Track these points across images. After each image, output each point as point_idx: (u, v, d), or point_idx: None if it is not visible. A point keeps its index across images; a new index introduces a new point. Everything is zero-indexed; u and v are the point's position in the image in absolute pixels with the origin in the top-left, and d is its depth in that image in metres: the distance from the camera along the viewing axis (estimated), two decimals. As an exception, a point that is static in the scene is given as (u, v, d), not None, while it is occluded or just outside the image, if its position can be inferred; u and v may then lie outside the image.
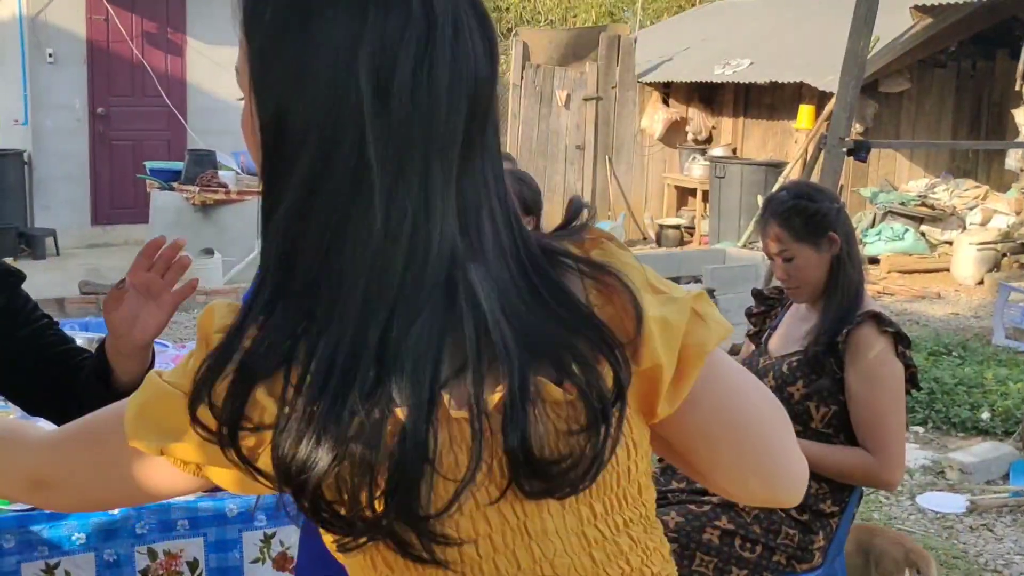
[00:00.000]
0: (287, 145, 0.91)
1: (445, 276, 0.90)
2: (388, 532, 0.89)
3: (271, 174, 0.93)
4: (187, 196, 9.01)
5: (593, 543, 0.97)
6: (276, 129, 0.91)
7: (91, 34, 11.13)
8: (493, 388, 0.89)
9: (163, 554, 2.45)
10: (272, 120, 0.91)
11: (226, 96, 11.70)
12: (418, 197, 0.90)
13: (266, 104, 0.92)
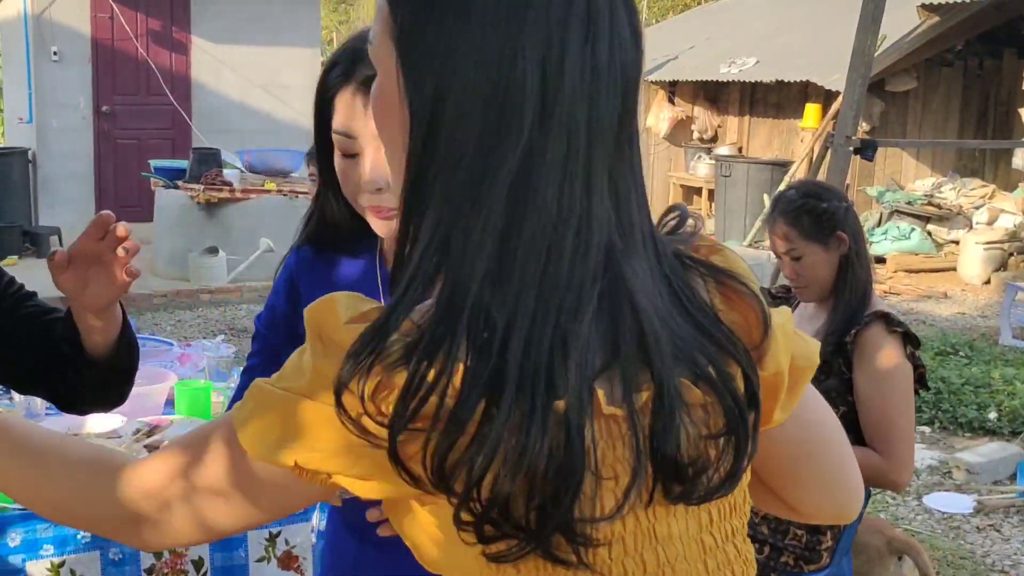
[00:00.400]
0: (446, 126, 0.86)
1: (603, 267, 0.87)
2: (551, 535, 0.84)
3: (423, 155, 0.87)
4: (191, 194, 9.01)
5: (708, 550, 0.95)
6: (434, 109, 0.87)
7: (96, 32, 11.13)
8: (639, 387, 0.87)
9: (168, 552, 2.45)
10: (430, 100, 0.87)
11: (231, 94, 11.71)
12: (583, 183, 0.87)
13: (422, 83, 0.87)
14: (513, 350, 0.83)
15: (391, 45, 0.90)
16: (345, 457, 0.87)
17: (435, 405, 0.82)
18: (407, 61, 0.88)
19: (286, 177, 9.46)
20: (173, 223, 9.21)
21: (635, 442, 0.86)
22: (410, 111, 0.88)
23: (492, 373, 0.82)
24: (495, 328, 0.83)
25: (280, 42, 11.85)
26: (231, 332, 7.68)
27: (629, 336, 0.87)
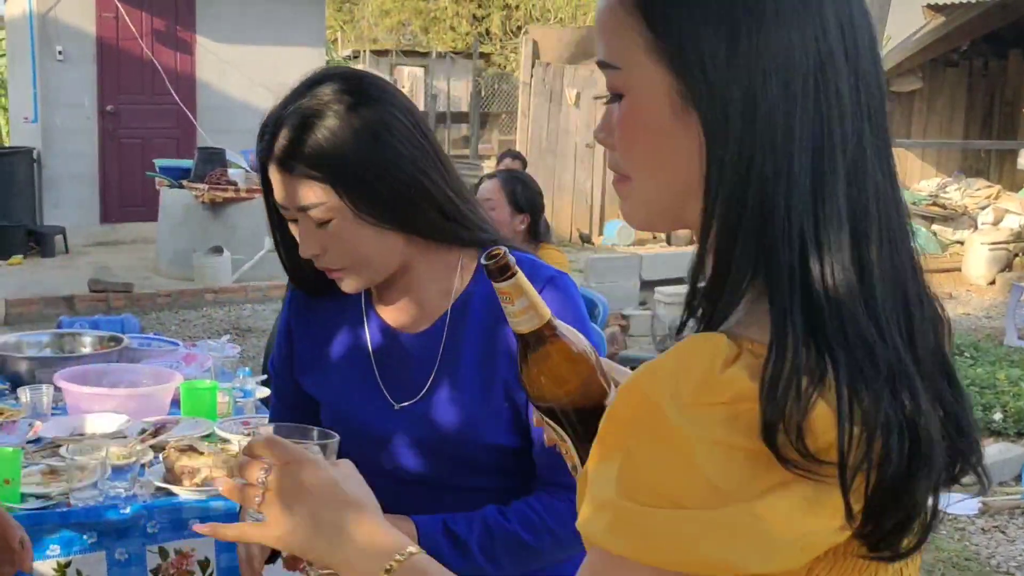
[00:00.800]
0: (764, 130, 0.84)
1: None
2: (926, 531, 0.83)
3: (738, 167, 0.84)
4: (196, 194, 9.01)
5: None
6: (747, 117, 0.84)
7: (101, 32, 11.14)
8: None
9: (174, 553, 2.44)
10: (739, 109, 0.84)
11: (235, 94, 11.71)
12: (887, 167, 0.88)
13: (724, 92, 0.84)
14: (889, 358, 0.81)
15: (656, 64, 0.87)
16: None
17: (859, 433, 0.78)
18: (695, 74, 0.86)
19: (291, 177, 9.46)
20: (177, 223, 9.22)
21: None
22: (708, 125, 0.85)
23: (888, 388, 0.79)
24: (869, 339, 0.81)
25: (285, 42, 11.85)
26: (236, 332, 7.69)
27: (929, 344, 0.88)
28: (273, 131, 1.53)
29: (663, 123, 0.88)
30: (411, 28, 25.57)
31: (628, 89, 0.90)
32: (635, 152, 0.91)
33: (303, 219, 1.53)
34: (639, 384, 0.82)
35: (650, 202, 0.93)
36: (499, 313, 1.54)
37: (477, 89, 17.55)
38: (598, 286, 8.54)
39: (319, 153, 1.50)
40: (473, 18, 24.51)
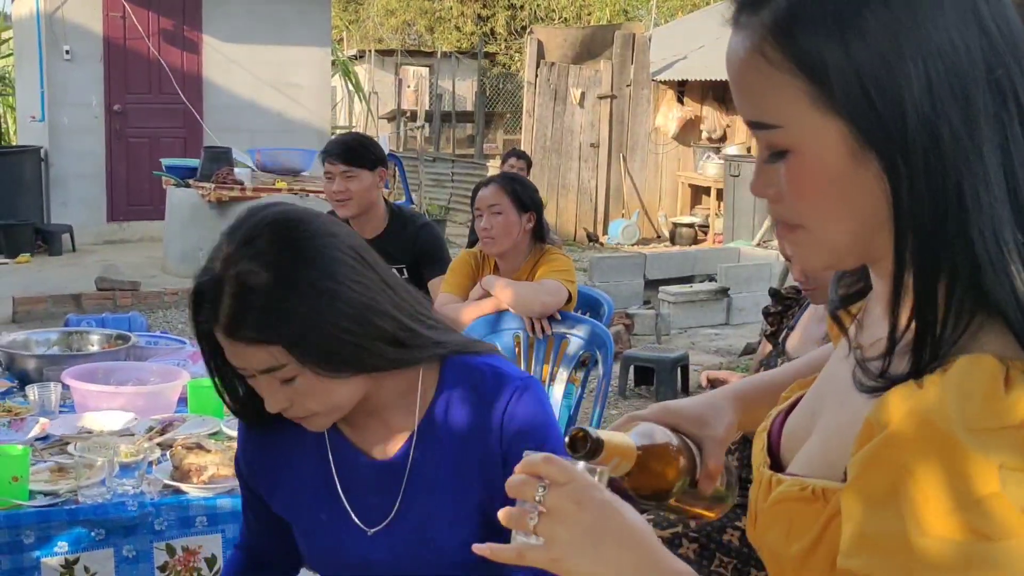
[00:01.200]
0: (943, 158, 0.83)
1: None
2: None
3: (929, 202, 0.83)
4: (203, 193, 9.03)
5: None
6: (931, 146, 0.83)
7: (108, 31, 11.17)
8: None
9: (181, 550, 2.46)
10: (921, 139, 0.83)
11: (242, 93, 11.74)
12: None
13: (904, 122, 0.83)
14: None
15: (824, 115, 0.86)
16: None
17: None
18: (868, 115, 0.84)
19: (297, 176, 9.49)
20: (184, 221, 9.24)
21: None
22: (890, 164, 0.84)
23: None
24: None
25: (291, 41, 11.87)
26: (241, 330, 7.71)
27: None
28: (213, 298, 1.47)
29: (841, 171, 0.86)
30: (416, 28, 25.59)
31: (795, 146, 0.88)
32: (812, 205, 0.89)
33: (266, 379, 1.51)
34: (919, 415, 0.78)
35: (836, 248, 0.90)
36: (466, 426, 1.60)
37: (482, 89, 17.56)
38: (602, 285, 8.56)
39: (267, 322, 1.45)
40: (478, 18, 24.52)
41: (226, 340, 1.48)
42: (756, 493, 1.02)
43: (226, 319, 1.46)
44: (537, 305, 3.53)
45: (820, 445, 0.96)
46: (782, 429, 1.07)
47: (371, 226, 4.10)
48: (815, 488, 0.90)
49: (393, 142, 16.31)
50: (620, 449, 1.05)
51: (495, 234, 3.64)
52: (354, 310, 1.49)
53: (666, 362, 6.26)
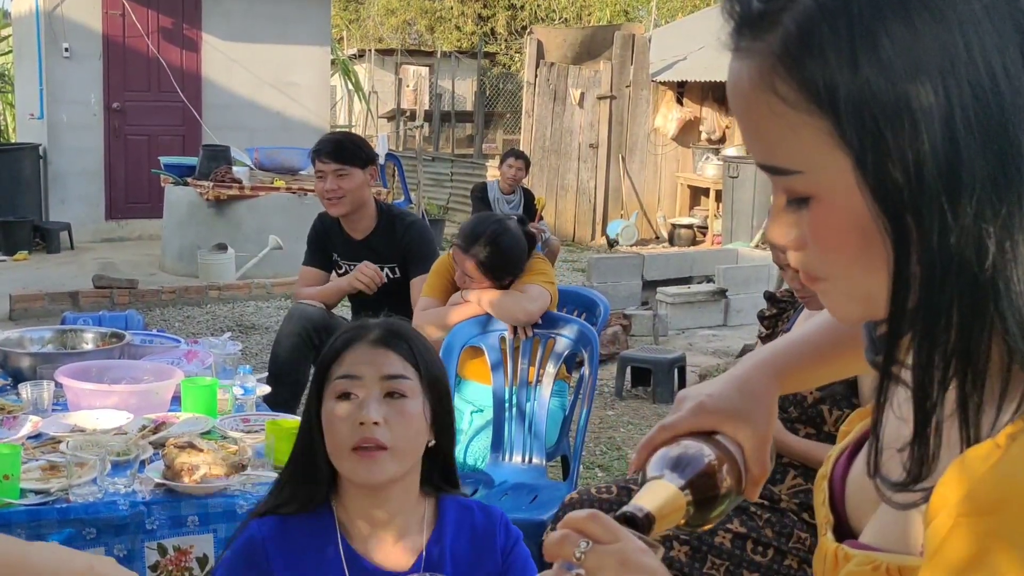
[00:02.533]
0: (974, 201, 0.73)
1: None
2: None
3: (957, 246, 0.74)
4: (201, 191, 9.03)
5: None
6: (952, 185, 0.73)
7: (107, 29, 11.16)
8: None
9: (173, 550, 2.45)
10: (941, 178, 0.74)
11: (241, 92, 11.73)
12: None
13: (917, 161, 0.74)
14: None
15: (841, 152, 0.76)
16: None
17: None
18: (877, 154, 0.74)
19: (295, 175, 9.48)
20: (182, 219, 9.24)
21: None
22: (892, 218, 0.75)
23: None
24: None
25: (290, 40, 11.87)
26: (239, 328, 7.70)
27: None
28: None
29: (863, 216, 0.77)
30: (417, 27, 25.59)
31: (818, 192, 0.78)
32: (841, 256, 0.80)
33: (379, 387, 1.70)
34: (1000, 473, 0.70)
35: (870, 298, 0.80)
36: (473, 546, 1.75)
37: (482, 89, 17.55)
38: (600, 286, 8.55)
39: (419, 349, 1.75)
40: (479, 18, 24.53)
41: (382, 347, 1.72)
42: (822, 566, 0.90)
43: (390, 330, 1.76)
44: (521, 314, 3.52)
45: (895, 512, 0.82)
46: (845, 477, 0.94)
47: (362, 225, 4.10)
48: (889, 566, 0.80)
49: (393, 141, 16.30)
50: (670, 510, 0.97)
51: (475, 286, 3.59)
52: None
53: (663, 363, 6.26)
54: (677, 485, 0.97)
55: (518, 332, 3.57)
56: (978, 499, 0.70)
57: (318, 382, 1.75)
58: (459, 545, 1.75)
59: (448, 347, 3.55)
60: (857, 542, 0.87)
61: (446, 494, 1.82)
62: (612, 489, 2.88)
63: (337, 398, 1.70)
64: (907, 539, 0.81)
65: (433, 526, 1.77)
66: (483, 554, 1.77)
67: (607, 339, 7.10)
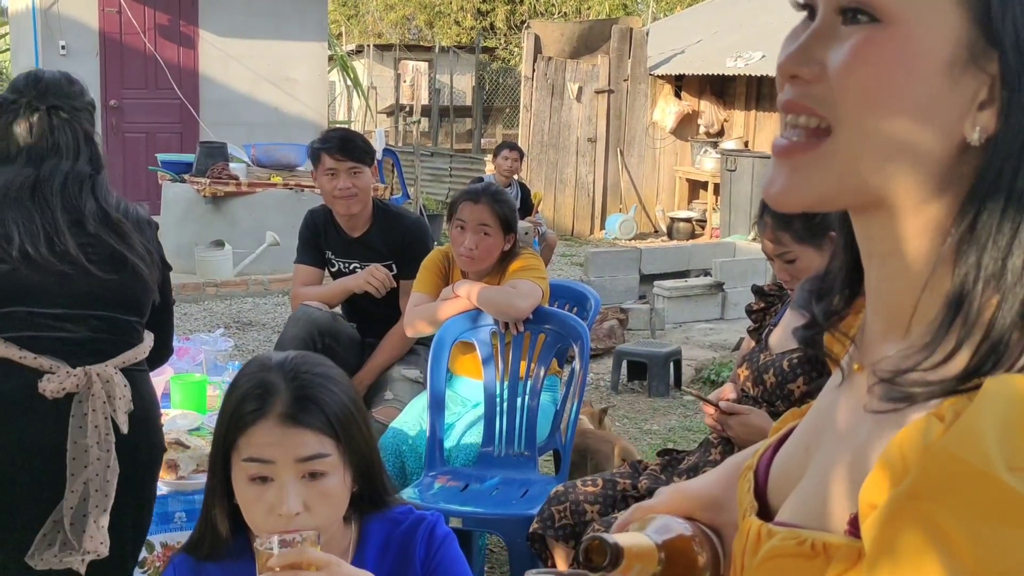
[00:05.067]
0: None
1: None
2: None
3: None
4: (198, 188, 9.04)
5: None
6: None
7: (104, 26, 11.17)
8: None
9: (160, 546, 2.47)
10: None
11: (238, 88, 11.74)
12: None
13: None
14: None
15: (954, 4, 0.72)
16: None
17: None
18: (1007, 34, 0.70)
19: (292, 171, 9.49)
20: (180, 216, 9.25)
21: None
22: (1018, 76, 0.70)
23: None
24: None
25: (287, 36, 11.87)
26: (236, 325, 7.72)
27: None
28: (265, 389, 1.59)
29: (929, 72, 0.71)
30: (416, 22, 25.58)
31: (897, 16, 0.72)
32: (872, 93, 0.72)
33: (294, 470, 1.55)
34: (949, 453, 0.65)
35: (853, 169, 0.75)
36: (398, 561, 1.68)
37: (480, 83, 17.55)
38: (598, 280, 8.57)
39: (334, 413, 1.59)
40: (478, 12, 24.52)
41: (283, 425, 1.55)
42: (742, 545, 0.88)
43: (292, 405, 1.57)
44: (512, 310, 3.51)
45: (816, 488, 0.81)
46: (770, 467, 0.93)
47: (361, 222, 4.08)
48: (815, 542, 0.77)
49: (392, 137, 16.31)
50: (640, 554, 0.95)
51: (477, 255, 3.57)
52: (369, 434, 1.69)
53: (658, 357, 6.26)
54: (653, 542, 0.97)
55: (509, 327, 3.57)
56: (924, 481, 0.65)
57: (224, 444, 1.60)
58: (384, 564, 1.68)
59: (439, 342, 3.56)
60: (779, 520, 0.84)
61: (373, 513, 1.72)
62: (598, 482, 2.89)
63: (250, 479, 1.56)
64: (826, 517, 0.78)
65: (354, 553, 1.69)
66: (405, 569, 1.69)
67: (604, 333, 7.11)
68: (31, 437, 2.28)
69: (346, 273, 4.09)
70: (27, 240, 2.29)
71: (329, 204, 4.05)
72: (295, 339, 3.80)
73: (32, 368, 2.28)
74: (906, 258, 0.76)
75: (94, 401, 2.29)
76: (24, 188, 2.34)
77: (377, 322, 4.01)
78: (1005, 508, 0.62)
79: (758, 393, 2.71)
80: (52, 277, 2.32)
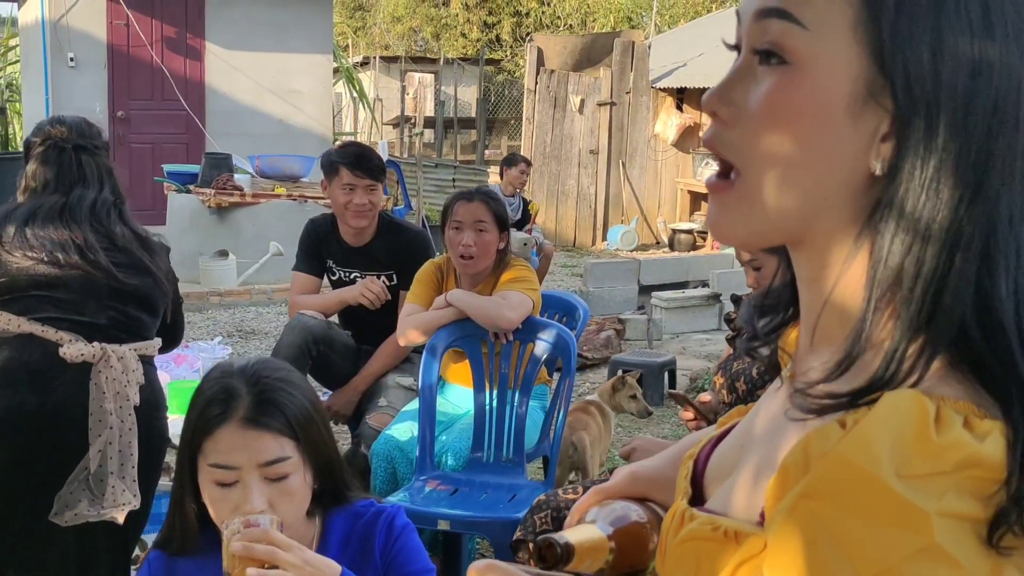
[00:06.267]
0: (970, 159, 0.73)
1: None
2: None
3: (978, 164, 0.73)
4: (203, 199, 9.15)
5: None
6: (972, 100, 0.73)
7: (112, 39, 11.31)
8: None
9: (154, 544, 2.56)
10: (963, 88, 0.73)
11: (244, 100, 11.86)
12: None
13: (936, 101, 0.73)
14: None
15: (857, 43, 0.74)
16: None
17: None
18: (898, 70, 0.73)
19: (296, 182, 9.59)
20: (185, 226, 9.35)
21: None
22: (910, 108, 0.73)
23: None
24: None
25: (292, 48, 11.99)
26: (239, 334, 7.81)
27: None
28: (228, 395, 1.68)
29: (834, 112, 0.75)
30: (422, 34, 25.72)
31: (806, 58, 0.75)
32: (780, 139, 0.76)
33: (258, 473, 1.64)
34: (843, 459, 0.70)
35: (774, 209, 0.78)
36: (359, 553, 1.76)
37: (485, 95, 17.66)
38: (597, 290, 8.65)
39: (294, 415, 1.68)
40: (484, 24, 24.63)
41: (244, 428, 1.65)
42: (668, 525, 0.93)
43: (253, 408, 1.67)
44: (503, 321, 3.57)
45: (742, 482, 0.86)
46: (709, 458, 0.97)
47: (366, 232, 4.14)
48: (728, 529, 0.82)
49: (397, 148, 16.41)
50: (591, 548, 1.01)
51: (476, 252, 3.64)
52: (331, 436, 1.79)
53: (653, 366, 6.34)
54: (604, 532, 1.02)
55: (499, 336, 3.65)
56: (818, 482, 0.71)
57: (190, 447, 1.69)
58: (346, 555, 1.75)
59: (431, 349, 3.63)
60: (704, 507, 0.90)
61: (335, 507, 1.81)
62: (579, 490, 2.97)
63: (215, 483, 1.65)
64: (743, 509, 0.84)
65: (317, 545, 1.76)
66: (365, 560, 1.77)
67: (601, 343, 7.20)
68: (55, 401, 2.50)
69: (347, 282, 4.15)
70: (58, 249, 2.54)
71: (339, 215, 4.10)
72: (291, 346, 3.87)
73: (52, 340, 2.51)
74: (826, 284, 0.80)
75: (110, 371, 2.52)
76: (54, 209, 2.59)
77: (374, 330, 4.07)
78: (889, 510, 0.67)
79: (731, 400, 2.80)
80: (76, 273, 2.55)
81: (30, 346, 2.52)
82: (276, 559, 1.53)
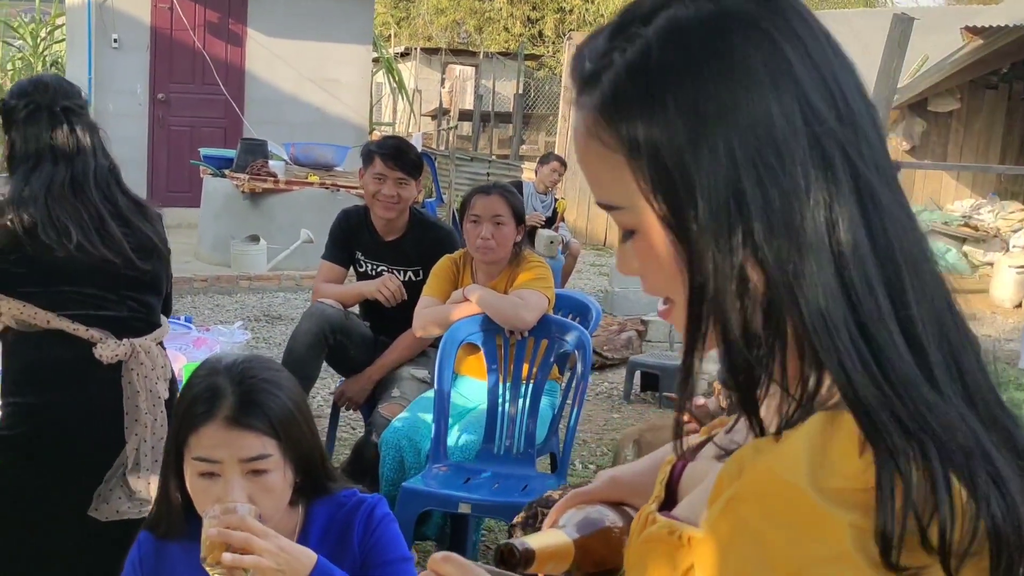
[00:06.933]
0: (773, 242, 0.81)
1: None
2: None
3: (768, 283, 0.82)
4: (237, 183, 9.24)
5: None
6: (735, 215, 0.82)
7: (155, 22, 11.45)
8: None
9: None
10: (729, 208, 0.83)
11: (283, 87, 11.97)
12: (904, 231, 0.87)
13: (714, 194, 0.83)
14: (968, 438, 0.79)
15: (648, 193, 0.86)
16: None
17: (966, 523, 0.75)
18: (671, 193, 0.85)
19: (329, 171, 9.68)
20: (218, 210, 9.46)
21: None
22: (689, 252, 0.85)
23: (982, 473, 0.77)
24: (950, 424, 0.78)
25: (333, 38, 12.09)
26: (266, 319, 7.91)
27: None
28: (214, 393, 1.75)
29: (667, 250, 0.87)
30: (465, 27, 25.77)
31: (638, 225, 0.89)
32: (664, 282, 0.89)
33: (239, 468, 1.72)
34: (768, 468, 0.78)
35: (679, 320, 0.90)
36: (339, 544, 1.83)
37: (525, 91, 17.69)
38: (622, 291, 8.69)
39: (276, 416, 1.75)
40: (527, 20, 24.65)
41: (227, 427, 1.72)
42: (634, 527, 0.99)
43: (237, 408, 1.74)
44: (518, 321, 3.63)
45: (701, 491, 0.92)
46: (686, 465, 1.04)
47: (397, 227, 4.18)
48: (683, 534, 0.88)
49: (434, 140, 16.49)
50: (554, 552, 1.06)
51: (494, 245, 3.69)
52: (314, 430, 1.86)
53: (671, 369, 6.36)
54: (571, 537, 1.08)
55: (514, 333, 3.71)
56: (745, 486, 0.78)
57: (176, 440, 1.78)
58: (326, 547, 1.81)
59: (447, 343, 3.69)
60: (668, 512, 0.97)
61: (319, 497, 1.88)
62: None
63: (199, 475, 1.73)
64: (699, 516, 0.89)
65: (299, 534, 1.84)
66: (344, 550, 1.83)
67: (621, 344, 7.23)
68: (91, 400, 2.55)
69: (372, 275, 4.19)
70: (80, 233, 2.56)
71: (369, 204, 4.15)
72: (307, 333, 3.93)
73: (84, 339, 2.55)
74: None
75: (141, 368, 2.58)
76: (65, 186, 2.60)
77: (393, 322, 4.11)
78: (804, 517, 0.74)
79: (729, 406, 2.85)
80: (98, 263, 2.58)
81: (61, 345, 2.55)
82: (251, 545, 1.61)
